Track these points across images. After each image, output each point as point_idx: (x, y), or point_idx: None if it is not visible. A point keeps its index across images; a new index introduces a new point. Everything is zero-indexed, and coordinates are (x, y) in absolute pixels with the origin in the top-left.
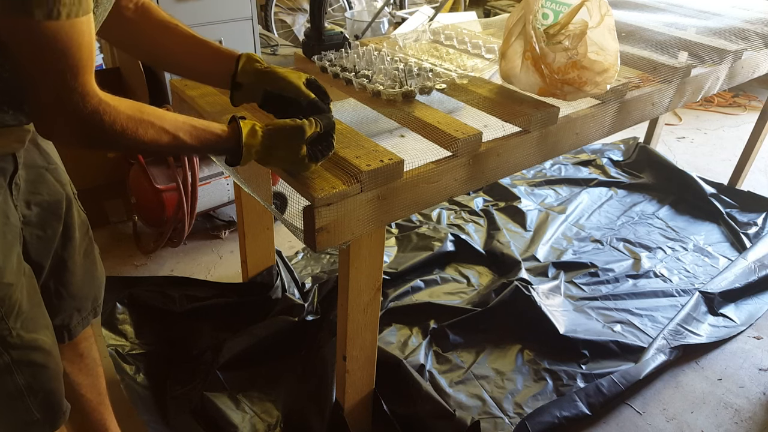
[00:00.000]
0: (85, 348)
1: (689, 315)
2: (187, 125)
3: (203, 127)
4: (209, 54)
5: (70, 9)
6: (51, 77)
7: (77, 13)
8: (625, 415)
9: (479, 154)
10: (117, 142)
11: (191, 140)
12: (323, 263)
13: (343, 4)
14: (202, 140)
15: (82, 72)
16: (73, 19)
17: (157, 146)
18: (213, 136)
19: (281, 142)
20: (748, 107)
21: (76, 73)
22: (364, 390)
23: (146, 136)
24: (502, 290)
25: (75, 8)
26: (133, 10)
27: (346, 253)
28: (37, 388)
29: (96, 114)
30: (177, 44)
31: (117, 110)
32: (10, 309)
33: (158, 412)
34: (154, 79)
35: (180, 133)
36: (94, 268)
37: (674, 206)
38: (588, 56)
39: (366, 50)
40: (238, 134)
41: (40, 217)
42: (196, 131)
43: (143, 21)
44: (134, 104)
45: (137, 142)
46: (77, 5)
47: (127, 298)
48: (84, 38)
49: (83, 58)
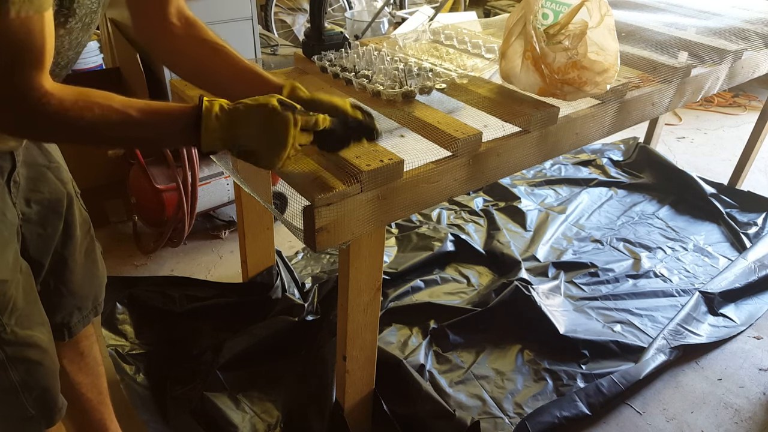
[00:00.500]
0: (86, 347)
1: (689, 315)
2: (141, 103)
3: (159, 104)
4: (255, 81)
5: (19, 6)
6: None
7: (27, 10)
8: (625, 415)
9: (479, 154)
10: (64, 129)
11: (142, 116)
12: (323, 263)
13: (343, 4)
14: (154, 114)
15: (26, 69)
16: (23, 16)
17: (107, 126)
18: (168, 109)
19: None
20: (748, 107)
21: (22, 70)
22: (364, 390)
23: (92, 117)
24: (502, 290)
25: (25, 6)
26: (179, 26)
27: (346, 253)
28: (32, 384)
29: (39, 105)
30: (223, 68)
31: (61, 98)
32: (5, 305)
33: (158, 412)
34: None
35: (130, 111)
36: (95, 266)
37: (674, 206)
38: (588, 56)
39: (366, 50)
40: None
41: (41, 214)
42: (149, 107)
43: (190, 38)
44: (82, 90)
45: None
46: (27, 3)
47: (127, 298)
48: (33, 36)
49: (33, 55)
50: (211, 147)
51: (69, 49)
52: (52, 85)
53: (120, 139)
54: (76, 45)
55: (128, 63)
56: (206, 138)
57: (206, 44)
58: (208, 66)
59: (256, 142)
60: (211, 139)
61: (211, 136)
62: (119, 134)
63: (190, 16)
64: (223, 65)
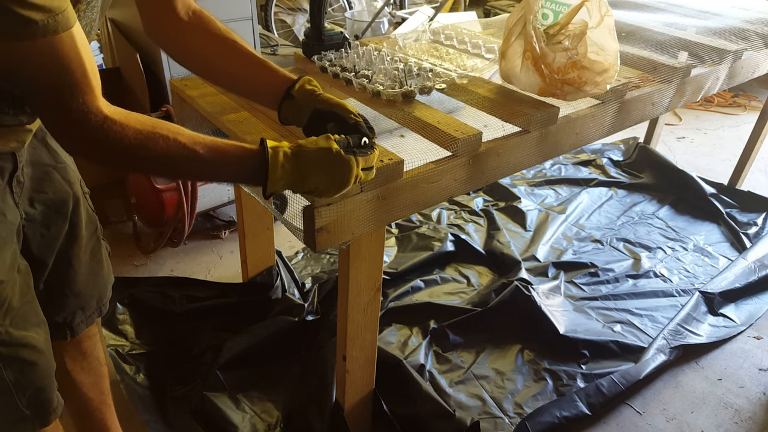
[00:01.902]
0: (89, 347)
1: (689, 315)
2: (208, 140)
3: (226, 144)
4: (266, 74)
5: (45, 28)
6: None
7: (55, 30)
8: (625, 415)
9: (479, 154)
10: (126, 159)
11: (209, 154)
12: (323, 263)
13: (343, 4)
14: (221, 154)
15: (77, 90)
16: (51, 37)
17: (170, 161)
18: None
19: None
20: (748, 107)
21: (71, 93)
22: (364, 390)
23: (156, 150)
24: (502, 290)
25: (51, 26)
26: (187, 20)
27: (346, 253)
28: (26, 384)
29: (99, 131)
30: (234, 61)
31: (124, 126)
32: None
33: (158, 412)
34: (154, 79)
35: (197, 148)
36: (100, 267)
37: (674, 206)
38: (588, 56)
39: (366, 50)
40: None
41: (45, 215)
42: (216, 146)
43: (200, 31)
44: (149, 119)
45: (148, 157)
46: (53, 23)
47: (128, 299)
48: (70, 55)
49: (75, 75)
50: (275, 191)
51: None
52: (113, 111)
53: (182, 174)
54: None
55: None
56: (272, 185)
57: (215, 38)
58: (219, 60)
59: (321, 185)
60: (277, 186)
61: (277, 183)
62: (182, 170)
63: (197, 10)
64: (234, 59)
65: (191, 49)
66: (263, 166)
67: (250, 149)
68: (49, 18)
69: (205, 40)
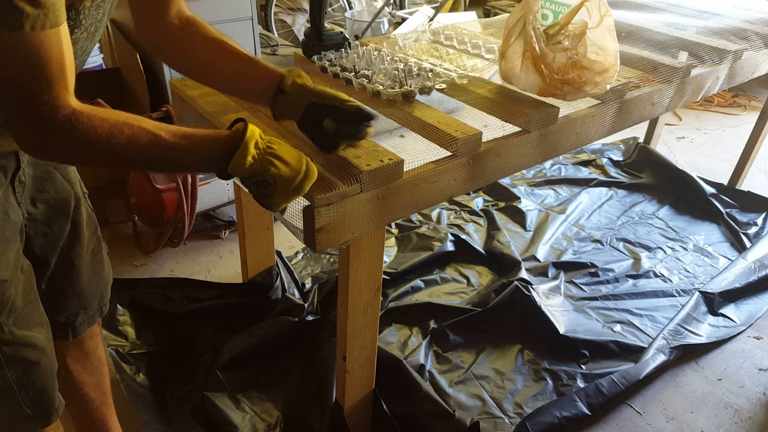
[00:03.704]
0: (91, 347)
1: (689, 315)
2: (172, 126)
3: (193, 130)
4: (258, 71)
5: (34, 21)
6: (16, 89)
7: (43, 25)
8: (625, 415)
9: (479, 154)
10: (92, 150)
11: (175, 139)
12: (323, 263)
13: (343, 4)
14: (188, 138)
15: (51, 85)
16: (38, 31)
17: (136, 149)
18: (204, 133)
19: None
20: (748, 107)
21: (45, 86)
22: (364, 390)
23: (122, 138)
24: (502, 290)
25: (40, 21)
26: (180, 27)
27: (346, 253)
28: (28, 384)
29: (67, 124)
30: (226, 64)
31: (91, 117)
32: (3, 305)
33: (158, 412)
34: (154, 79)
35: (162, 132)
36: (101, 267)
37: (674, 206)
38: (588, 56)
39: (366, 50)
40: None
41: (47, 214)
42: (182, 131)
43: (191, 36)
44: (113, 111)
45: (114, 147)
46: (42, 18)
47: (128, 300)
48: (51, 52)
49: (52, 71)
50: (238, 170)
51: (75, 58)
52: (81, 105)
53: (149, 162)
54: (81, 53)
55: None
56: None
57: (207, 42)
58: (212, 64)
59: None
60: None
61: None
62: (149, 158)
63: (189, 17)
64: (226, 61)
65: (184, 55)
66: (235, 142)
67: (221, 131)
68: (40, 12)
69: (197, 45)
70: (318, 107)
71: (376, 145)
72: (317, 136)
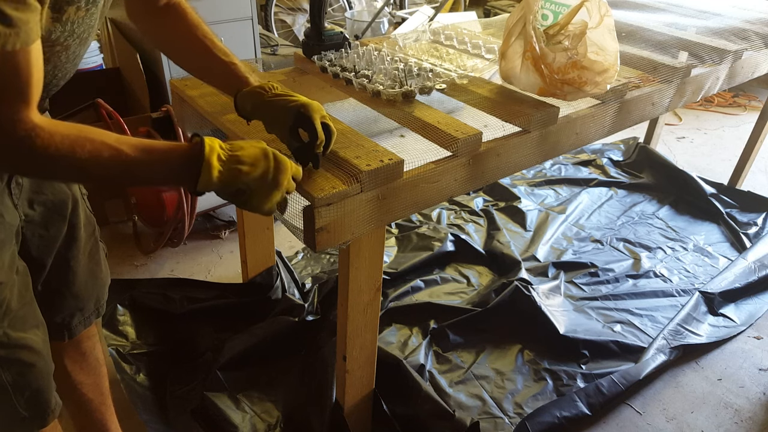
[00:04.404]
0: (88, 347)
1: (689, 315)
2: (134, 140)
3: (154, 142)
4: (222, 74)
5: (5, 40)
6: None
7: (14, 44)
8: (625, 415)
9: (479, 154)
10: (53, 166)
11: (136, 153)
12: (323, 263)
13: (343, 4)
14: (149, 152)
15: (13, 101)
16: (8, 50)
17: (98, 164)
18: (165, 147)
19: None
20: (748, 107)
21: (7, 102)
22: (364, 390)
23: (83, 153)
24: (502, 290)
25: (11, 40)
26: (165, 10)
27: (346, 253)
28: (24, 386)
29: (27, 139)
30: (195, 56)
31: (51, 132)
32: None
33: (158, 412)
34: (154, 79)
35: (123, 147)
36: (99, 268)
37: (674, 206)
38: (588, 56)
39: (366, 50)
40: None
41: (44, 216)
42: (143, 144)
43: (171, 23)
44: (75, 125)
45: (75, 162)
46: (14, 37)
47: (128, 300)
48: (20, 70)
49: (18, 87)
50: (207, 188)
51: (67, 62)
52: (42, 120)
53: (112, 176)
54: (74, 58)
55: (128, 63)
56: (205, 180)
57: (184, 31)
58: (182, 51)
59: (254, 184)
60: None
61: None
62: (111, 172)
63: (178, 3)
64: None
65: (161, 36)
66: (197, 160)
67: (181, 145)
68: (11, 31)
69: (173, 32)
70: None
71: (376, 145)
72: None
